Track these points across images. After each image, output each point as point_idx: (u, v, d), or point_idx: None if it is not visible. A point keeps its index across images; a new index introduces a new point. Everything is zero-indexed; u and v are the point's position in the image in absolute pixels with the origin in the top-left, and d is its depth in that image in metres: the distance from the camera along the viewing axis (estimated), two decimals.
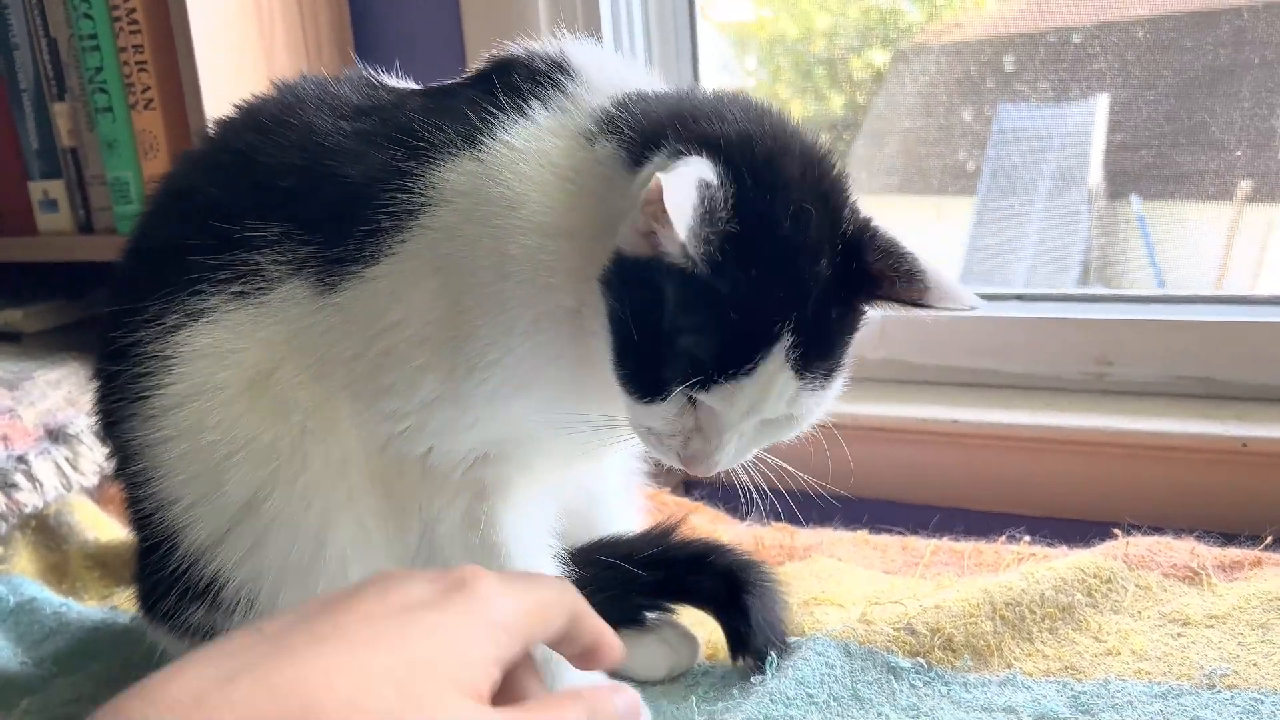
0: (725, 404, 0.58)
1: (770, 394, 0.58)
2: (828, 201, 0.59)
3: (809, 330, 0.57)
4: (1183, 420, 1.01)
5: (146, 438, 0.65)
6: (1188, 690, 0.69)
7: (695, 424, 0.60)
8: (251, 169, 0.66)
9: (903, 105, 1.69)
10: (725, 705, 0.70)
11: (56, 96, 1.30)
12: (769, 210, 0.56)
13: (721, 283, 0.55)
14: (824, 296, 0.57)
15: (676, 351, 0.57)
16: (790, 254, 0.57)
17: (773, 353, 0.56)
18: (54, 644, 0.91)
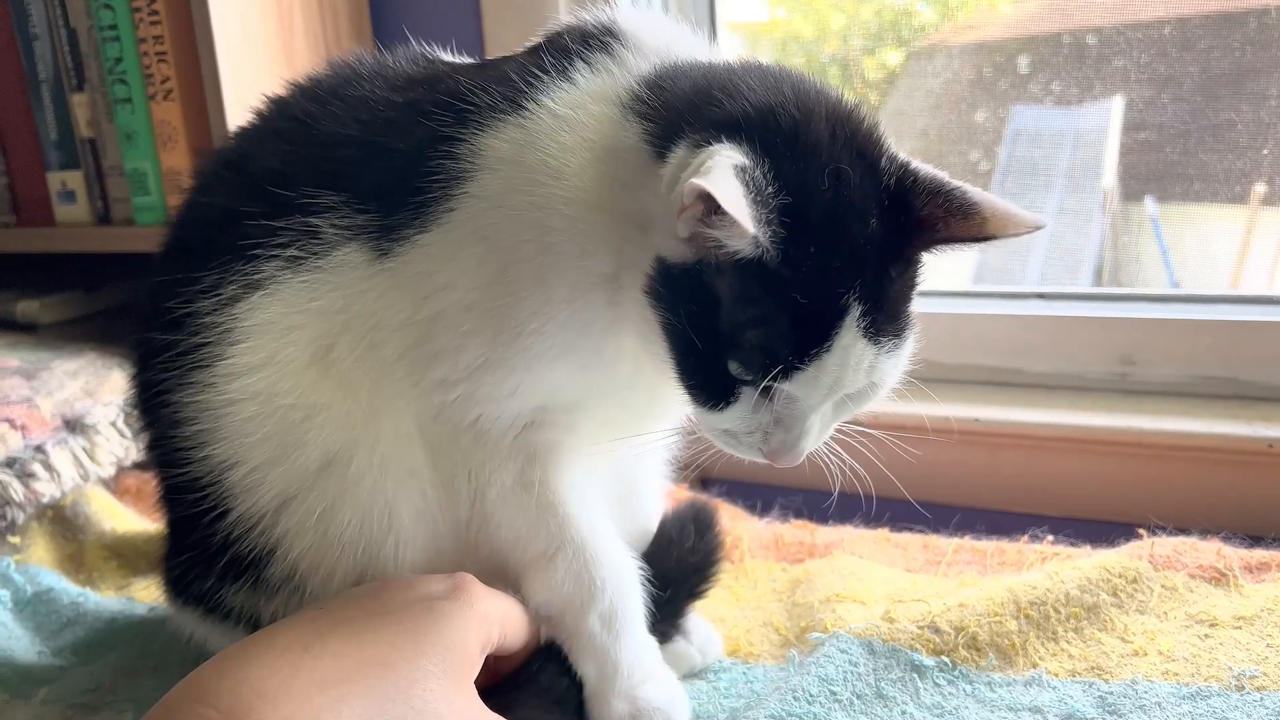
0: (808, 389, 0.56)
1: (848, 368, 0.56)
2: (864, 157, 0.57)
3: (874, 294, 0.55)
4: (1207, 420, 1.00)
5: (208, 402, 0.63)
6: (1216, 692, 0.68)
7: (773, 416, 0.58)
8: (309, 139, 0.66)
9: (916, 106, 1.68)
10: (748, 701, 0.69)
11: (76, 87, 1.30)
12: (807, 178, 0.54)
13: (785, 268, 0.53)
14: (881, 255, 0.55)
15: (744, 348, 0.55)
16: (839, 219, 0.55)
17: (845, 325, 0.55)
18: (71, 634, 0.91)
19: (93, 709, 0.79)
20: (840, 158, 0.55)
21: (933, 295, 1.21)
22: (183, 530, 0.71)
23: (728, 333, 0.55)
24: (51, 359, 1.24)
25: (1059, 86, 1.50)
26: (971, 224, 0.56)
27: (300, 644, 0.53)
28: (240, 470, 0.63)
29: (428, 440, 0.65)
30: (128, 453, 1.16)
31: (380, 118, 0.65)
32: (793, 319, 0.54)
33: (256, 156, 0.67)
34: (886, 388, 0.62)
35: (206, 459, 0.64)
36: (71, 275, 1.47)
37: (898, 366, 0.61)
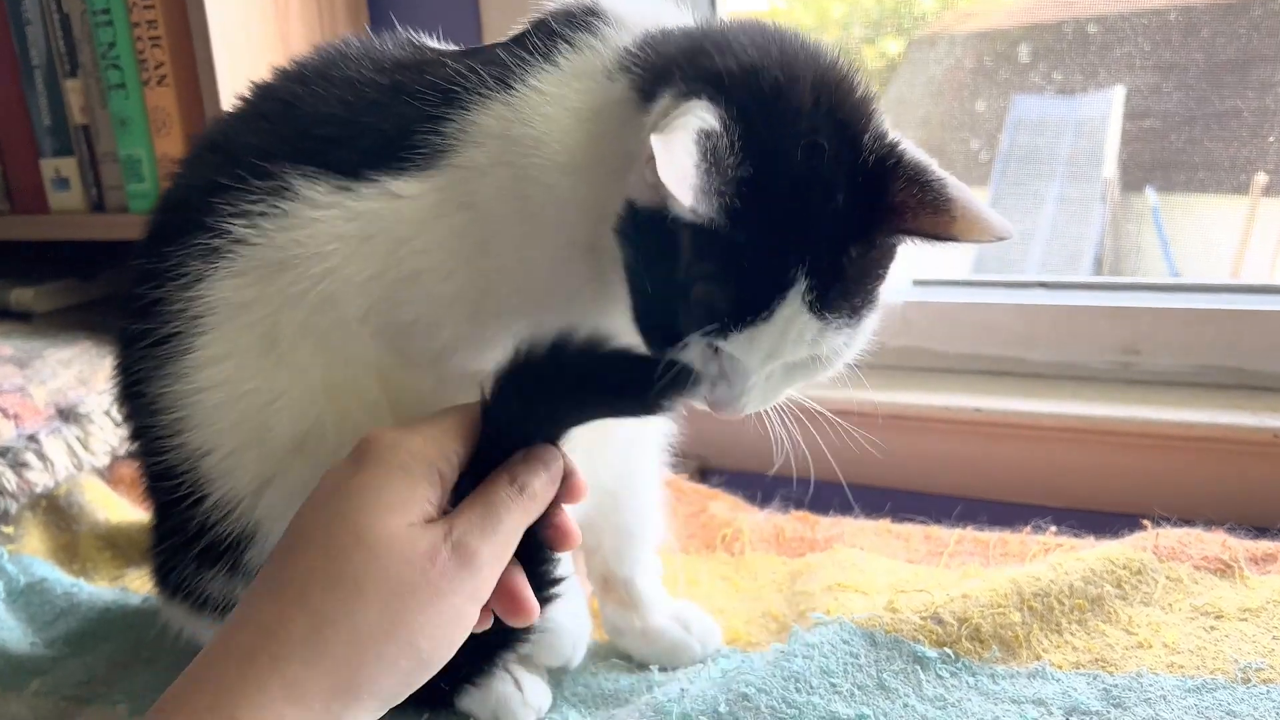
0: (744, 351, 0.56)
1: (788, 339, 0.56)
2: (845, 130, 0.56)
3: (826, 271, 0.54)
4: (1212, 410, 0.99)
5: (179, 390, 0.63)
6: (1222, 685, 0.67)
7: (719, 370, 0.58)
8: (291, 118, 0.65)
9: (917, 95, 1.68)
10: (748, 690, 0.68)
11: (69, 73, 1.29)
12: (779, 147, 0.54)
13: (735, 231, 0.53)
14: (841, 234, 0.55)
15: (691, 301, 0.55)
16: (802, 193, 0.54)
17: (788, 298, 0.54)
18: (65, 624, 0.91)
19: (86, 701, 0.79)
20: (819, 129, 0.54)
21: (934, 284, 1.20)
22: (165, 519, 0.71)
23: (680, 282, 0.55)
24: (45, 347, 1.23)
25: (1060, 75, 1.49)
26: (939, 220, 0.55)
27: (266, 653, 0.48)
28: (214, 457, 0.63)
29: (398, 394, 0.64)
30: (122, 442, 1.15)
31: (364, 98, 0.64)
32: (738, 282, 0.54)
33: (237, 137, 0.67)
34: (838, 362, 0.61)
35: (182, 446, 0.64)
36: (65, 263, 1.45)
37: (851, 343, 0.60)
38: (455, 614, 0.51)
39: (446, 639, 0.51)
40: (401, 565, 0.50)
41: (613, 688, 0.76)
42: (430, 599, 0.50)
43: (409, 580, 0.50)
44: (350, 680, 0.48)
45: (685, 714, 0.67)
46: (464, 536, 0.52)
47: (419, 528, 0.52)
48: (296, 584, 0.49)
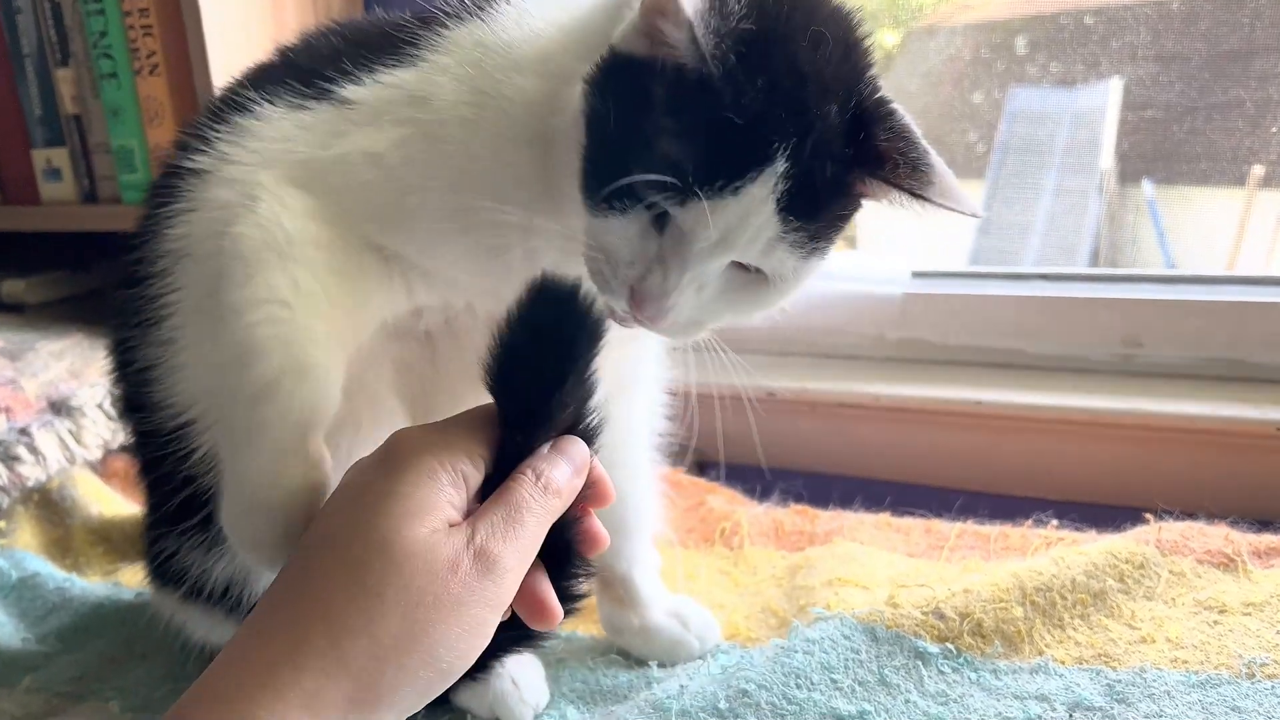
0: (698, 224, 0.53)
1: (746, 227, 0.53)
2: (849, 55, 0.56)
3: (804, 168, 0.53)
4: (1214, 403, 0.98)
5: (165, 354, 0.63)
6: (1226, 680, 0.67)
7: (658, 252, 0.55)
8: (284, 72, 0.65)
9: (914, 87, 1.67)
10: (748, 687, 0.68)
11: (60, 62, 1.27)
12: (787, 22, 0.53)
13: (726, 86, 0.51)
14: (826, 143, 0.53)
15: (656, 155, 0.52)
16: (801, 75, 0.53)
17: (763, 175, 0.52)
18: (57, 620, 0.90)
19: (78, 697, 0.78)
20: (829, 31, 0.54)
21: (934, 276, 1.19)
22: (156, 493, 0.71)
23: (645, 136, 0.52)
24: (37, 340, 1.21)
25: (1058, 67, 1.48)
26: (917, 179, 0.55)
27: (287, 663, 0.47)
28: (200, 409, 0.62)
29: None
30: (115, 436, 1.14)
31: (351, 41, 0.65)
32: (713, 141, 0.52)
33: (230, 98, 0.67)
34: (777, 295, 0.59)
35: (171, 404, 0.63)
36: (57, 255, 1.44)
37: (796, 272, 0.57)
38: (477, 623, 0.50)
39: (467, 649, 0.50)
40: (424, 576, 0.49)
41: (611, 684, 0.76)
42: (452, 610, 0.49)
43: (431, 591, 0.49)
44: (369, 692, 0.47)
45: (685, 710, 0.67)
46: (486, 542, 0.51)
47: (442, 534, 0.50)
48: (316, 592, 0.48)
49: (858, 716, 0.66)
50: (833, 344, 1.19)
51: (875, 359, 1.17)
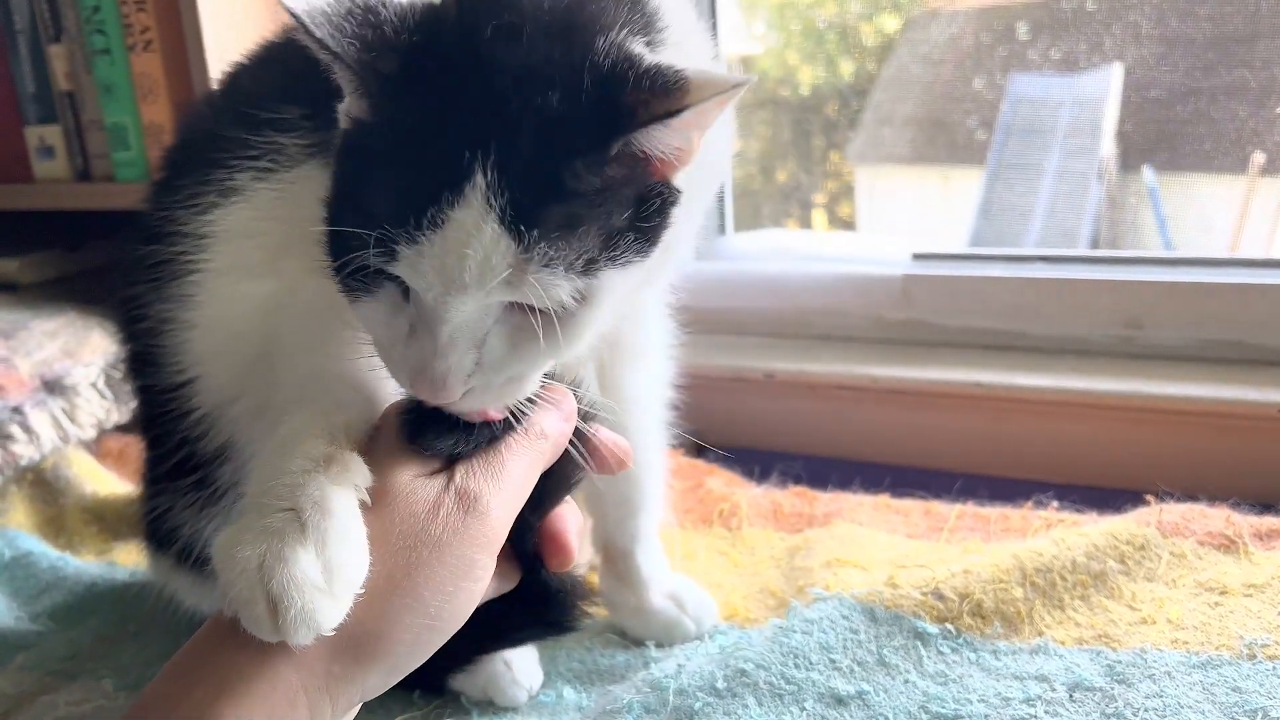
0: (413, 272, 0.47)
1: (470, 256, 0.46)
2: (571, 30, 0.49)
3: (525, 172, 0.46)
4: (1215, 385, 0.98)
5: (176, 312, 0.64)
6: (1227, 661, 0.66)
7: (410, 324, 0.49)
8: (281, 59, 0.66)
9: (913, 73, 1.66)
10: (747, 666, 0.67)
11: (53, 38, 1.26)
12: (466, 23, 0.49)
13: (396, 108, 0.47)
14: (551, 137, 0.47)
15: (358, 213, 0.48)
16: (487, 74, 0.47)
17: (464, 196, 0.45)
18: (50, 599, 0.89)
19: (71, 676, 0.78)
20: (527, 18, 0.49)
21: (935, 258, 1.18)
22: (155, 452, 0.72)
23: (348, 197, 0.50)
24: (30, 319, 1.20)
25: (1058, 53, 1.47)
26: (673, 97, 0.47)
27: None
28: (202, 365, 0.64)
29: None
30: (109, 415, 1.13)
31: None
32: (401, 175, 0.47)
33: (243, 79, 0.69)
34: (573, 321, 0.49)
35: (179, 362, 0.64)
36: (50, 233, 1.43)
37: (588, 292, 0.49)
38: (463, 564, 0.50)
39: (455, 591, 0.50)
40: (405, 519, 0.50)
41: (608, 663, 0.75)
42: (434, 550, 0.49)
43: (412, 533, 0.49)
44: (353, 639, 0.47)
45: (683, 690, 0.66)
46: (465, 481, 0.51)
47: (425, 477, 0.51)
48: None
49: (856, 696, 0.66)
50: (832, 325, 1.19)
51: (875, 340, 1.17)
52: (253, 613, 0.45)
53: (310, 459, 0.50)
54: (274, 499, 0.49)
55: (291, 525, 0.47)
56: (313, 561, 0.46)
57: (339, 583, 0.46)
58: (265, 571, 0.46)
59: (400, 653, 0.49)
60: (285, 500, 0.48)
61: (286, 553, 0.46)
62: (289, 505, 0.48)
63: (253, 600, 0.45)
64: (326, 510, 0.48)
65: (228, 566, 0.47)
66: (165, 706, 0.46)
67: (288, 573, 0.45)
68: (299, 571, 0.45)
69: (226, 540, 0.48)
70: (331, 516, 0.48)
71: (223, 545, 0.48)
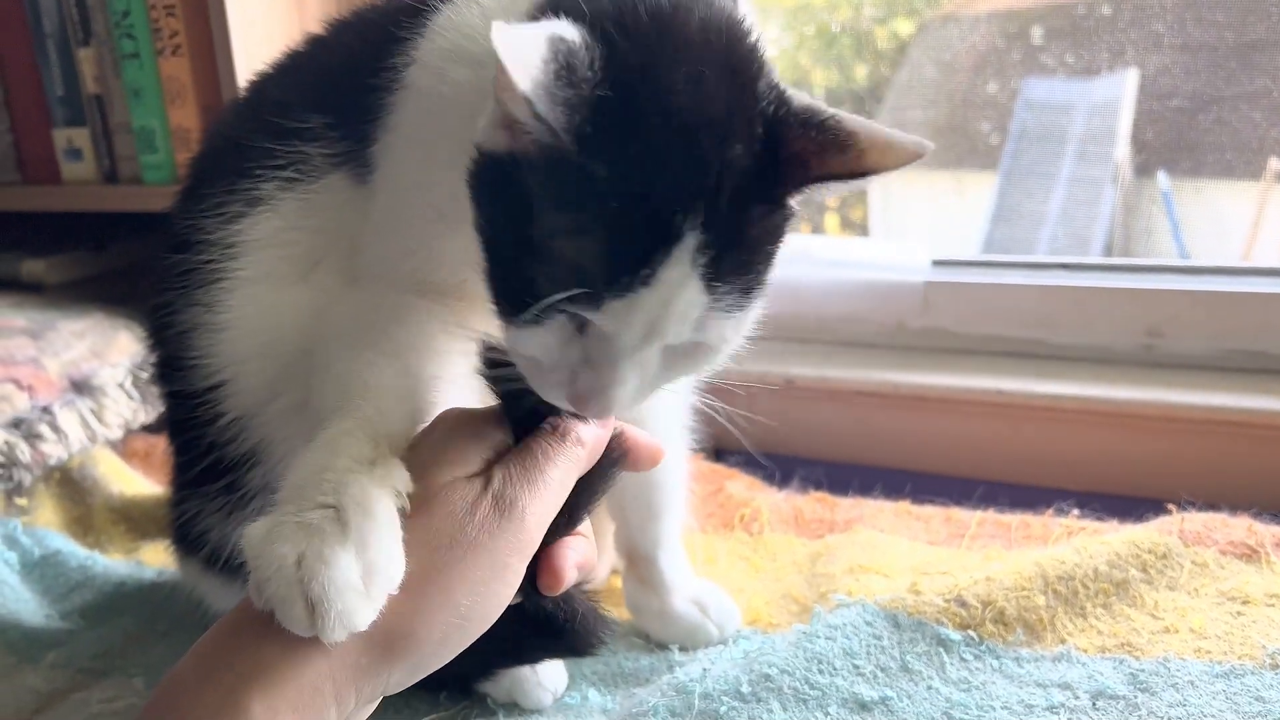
0: (618, 324, 0.48)
1: (673, 312, 0.48)
2: (737, 73, 0.50)
3: (724, 231, 0.48)
4: (1237, 394, 0.98)
5: (206, 318, 0.65)
6: (1251, 670, 0.66)
7: (583, 354, 0.51)
8: (308, 68, 0.68)
9: (927, 77, 1.66)
10: (771, 671, 0.68)
11: (82, 42, 1.27)
12: (655, 73, 0.48)
13: (597, 163, 0.46)
14: (743, 189, 0.48)
15: (554, 261, 0.48)
16: (690, 128, 0.47)
17: (674, 255, 0.47)
18: (80, 597, 0.90)
19: (102, 674, 0.78)
20: (707, 63, 0.49)
21: (954, 265, 1.19)
22: (183, 458, 0.72)
23: (538, 241, 0.49)
24: (58, 319, 1.22)
25: (1073, 58, 1.47)
26: (849, 158, 0.50)
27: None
28: (233, 369, 0.64)
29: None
30: (136, 415, 1.14)
31: (359, 37, 0.66)
32: (610, 235, 0.47)
33: (267, 88, 0.70)
34: (722, 353, 0.54)
35: (209, 366, 0.65)
36: (78, 235, 1.44)
37: (737, 330, 0.53)
38: (496, 567, 0.51)
39: (487, 592, 0.50)
40: (443, 518, 0.50)
41: (633, 666, 0.76)
42: (469, 550, 0.50)
43: (448, 532, 0.50)
44: (384, 633, 0.47)
45: (707, 694, 0.67)
46: (503, 486, 0.52)
47: (463, 480, 0.52)
48: None
49: (880, 702, 0.66)
50: (853, 332, 1.19)
51: (895, 347, 1.17)
52: (291, 612, 0.46)
53: (354, 458, 0.51)
54: (315, 492, 0.49)
55: (332, 525, 0.47)
56: (353, 564, 0.46)
57: (377, 585, 0.47)
58: (305, 571, 0.46)
59: (427, 650, 0.49)
60: (328, 496, 0.49)
61: (328, 554, 0.46)
62: (331, 502, 0.48)
63: (290, 599, 0.46)
64: (369, 512, 0.48)
65: (264, 562, 0.47)
66: (194, 690, 0.46)
67: (329, 575, 0.45)
68: (339, 575, 0.46)
69: (261, 533, 0.48)
70: (373, 519, 0.48)
71: (257, 538, 0.48)
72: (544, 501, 0.53)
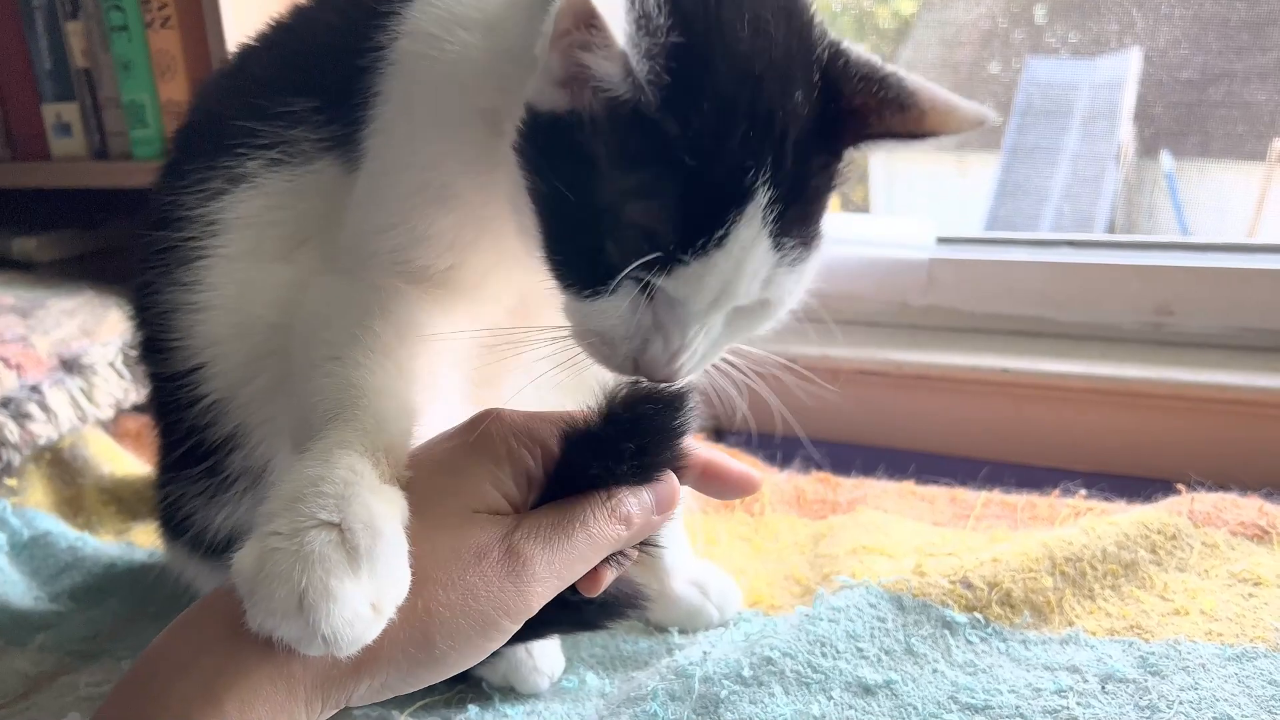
0: (692, 289, 0.47)
1: (745, 272, 0.47)
2: (793, 18, 0.48)
3: (790, 183, 0.46)
4: (1247, 373, 0.96)
5: (186, 297, 0.63)
6: (1263, 653, 0.65)
7: (653, 320, 0.49)
8: (291, 46, 0.66)
9: (929, 57, 1.65)
10: (773, 654, 0.66)
11: (70, 15, 1.25)
12: (718, 20, 0.46)
13: (671, 121, 0.44)
14: (804, 141, 0.47)
15: (622, 227, 0.47)
16: (754, 78, 0.46)
17: (746, 214, 0.46)
18: (69, 578, 0.89)
19: (91, 656, 0.77)
20: (766, 5, 0.48)
21: (960, 242, 1.17)
22: (168, 440, 0.71)
23: (604, 205, 0.47)
24: (48, 297, 1.20)
25: (1076, 37, 1.45)
26: (909, 117, 0.49)
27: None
28: (213, 350, 0.63)
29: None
30: (127, 394, 1.13)
31: (341, 14, 0.63)
32: (682, 195, 0.46)
33: (252, 65, 0.68)
34: (784, 309, 0.53)
35: (189, 347, 0.63)
36: (68, 211, 1.42)
37: (799, 283, 0.52)
38: (485, 623, 0.46)
39: (466, 645, 0.47)
40: (447, 554, 0.46)
41: (631, 650, 0.75)
42: (461, 598, 0.46)
43: (447, 569, 0.46)
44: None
45: (708, 677, 0.66)
46: (523, 542, 0.47)
47: (483, 517, 0.47)
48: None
49: (884, 686, 0.65)
50: (856, 310, 1.17)
51: (899, 325, 1.15)
52: (307, 648, 0.43)
53: (354, 471, 0.46)
54: (314, 507, 0.44)
55: (337, 550, 0.43)
56: (363, 593, 0.43)
57: (387, 603, 0.44)
58: (311, 611, 0.41)
59: (394, 679, 0.46)
60: (329, 513, 0.44)
61: (334, 586, 0.42)
62: (334, 520, 0.44)
63: (305, 640, 0.42)
64: (378, 532, 0.44)
65: (261, 605, 0.42)
66: (169, 675, 0.44)
67: (338, 613, 0.41)
68: (349, 609, 0.42)
69: (252, 564, 0.43)
70: (383, 538, 0.44)
71: (249, 569, 0.43)
72: (560, 571, 0.48)
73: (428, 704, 0.69)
